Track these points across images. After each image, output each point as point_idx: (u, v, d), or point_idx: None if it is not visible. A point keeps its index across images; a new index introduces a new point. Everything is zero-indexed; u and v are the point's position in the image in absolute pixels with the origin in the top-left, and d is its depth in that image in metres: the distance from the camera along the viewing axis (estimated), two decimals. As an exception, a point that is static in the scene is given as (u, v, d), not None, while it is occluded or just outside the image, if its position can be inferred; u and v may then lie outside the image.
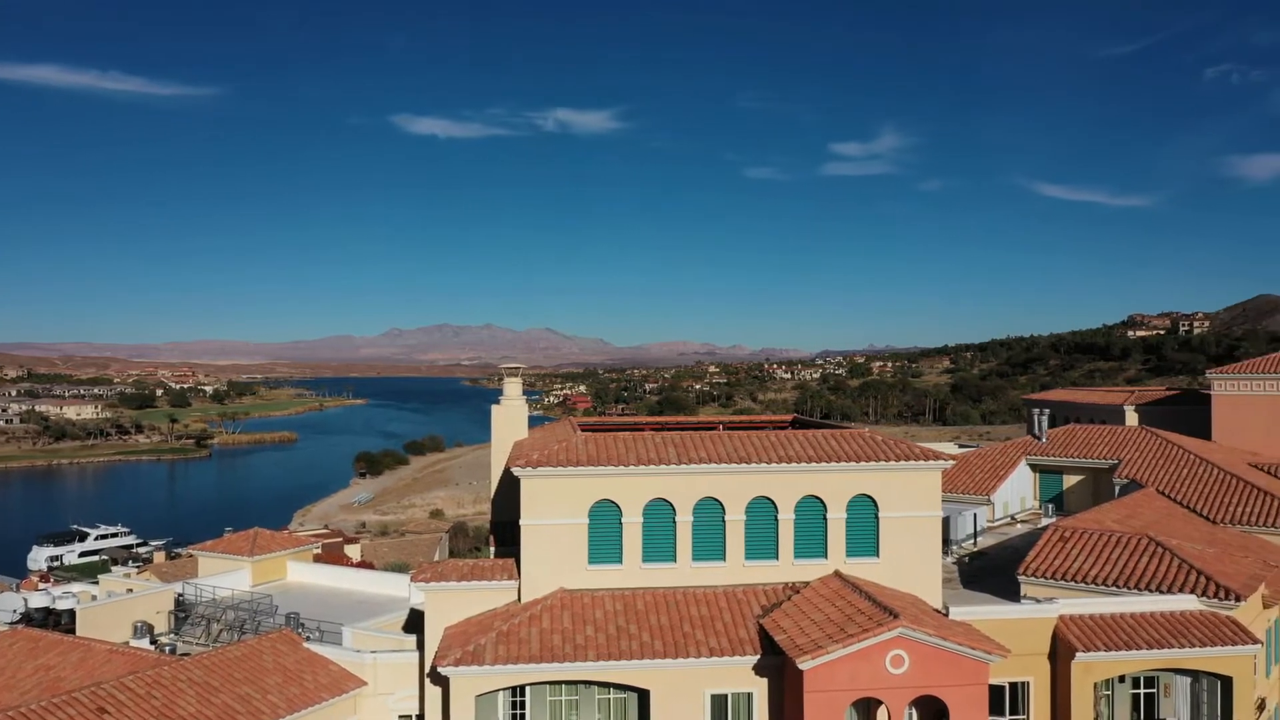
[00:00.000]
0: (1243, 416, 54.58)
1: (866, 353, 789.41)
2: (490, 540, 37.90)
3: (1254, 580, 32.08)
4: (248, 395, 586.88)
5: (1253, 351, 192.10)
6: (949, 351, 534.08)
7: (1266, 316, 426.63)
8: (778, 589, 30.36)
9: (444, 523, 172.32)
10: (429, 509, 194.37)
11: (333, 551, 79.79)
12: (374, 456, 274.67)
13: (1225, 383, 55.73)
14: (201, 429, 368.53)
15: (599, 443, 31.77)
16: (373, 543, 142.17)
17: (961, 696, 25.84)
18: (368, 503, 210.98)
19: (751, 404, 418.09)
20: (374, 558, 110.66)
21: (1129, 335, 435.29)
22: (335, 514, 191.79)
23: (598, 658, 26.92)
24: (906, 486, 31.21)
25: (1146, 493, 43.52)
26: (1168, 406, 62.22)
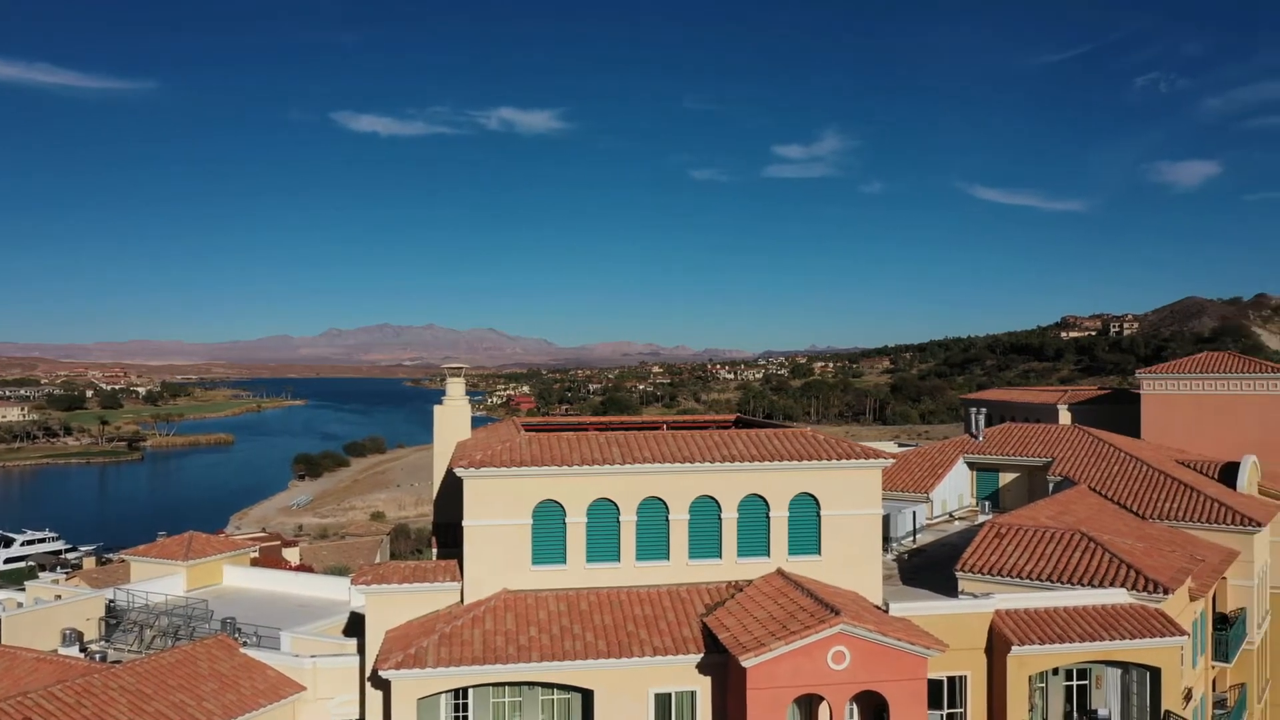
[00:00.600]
0: (1170, 415, 56.22)
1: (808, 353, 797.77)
2: (433, 542, 37.55)
3: (1181, 574, 33.04)
4: (182, 396, 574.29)
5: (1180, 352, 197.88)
6: (889, 352, 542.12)
7: (1193, 318, 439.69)
8: (721, 587, 30.53)
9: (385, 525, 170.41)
10: (370, 511, 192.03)
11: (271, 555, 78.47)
12: (313, 458, 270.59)
13: (1153, 382, 57.34)
14: (134, 431, 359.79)
15: (543, 443, 31.67)
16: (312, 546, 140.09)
17: (901, 691, 26.22)
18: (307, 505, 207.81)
19: (695, 404, 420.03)
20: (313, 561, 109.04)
21: (1062, 336, 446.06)
22: (273, 517, 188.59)
23: (541, 658, 26.81)
24: (848, 485, 31.59)
25: (1079, 489, 44.59)
26: (1099, 405, 63.81)
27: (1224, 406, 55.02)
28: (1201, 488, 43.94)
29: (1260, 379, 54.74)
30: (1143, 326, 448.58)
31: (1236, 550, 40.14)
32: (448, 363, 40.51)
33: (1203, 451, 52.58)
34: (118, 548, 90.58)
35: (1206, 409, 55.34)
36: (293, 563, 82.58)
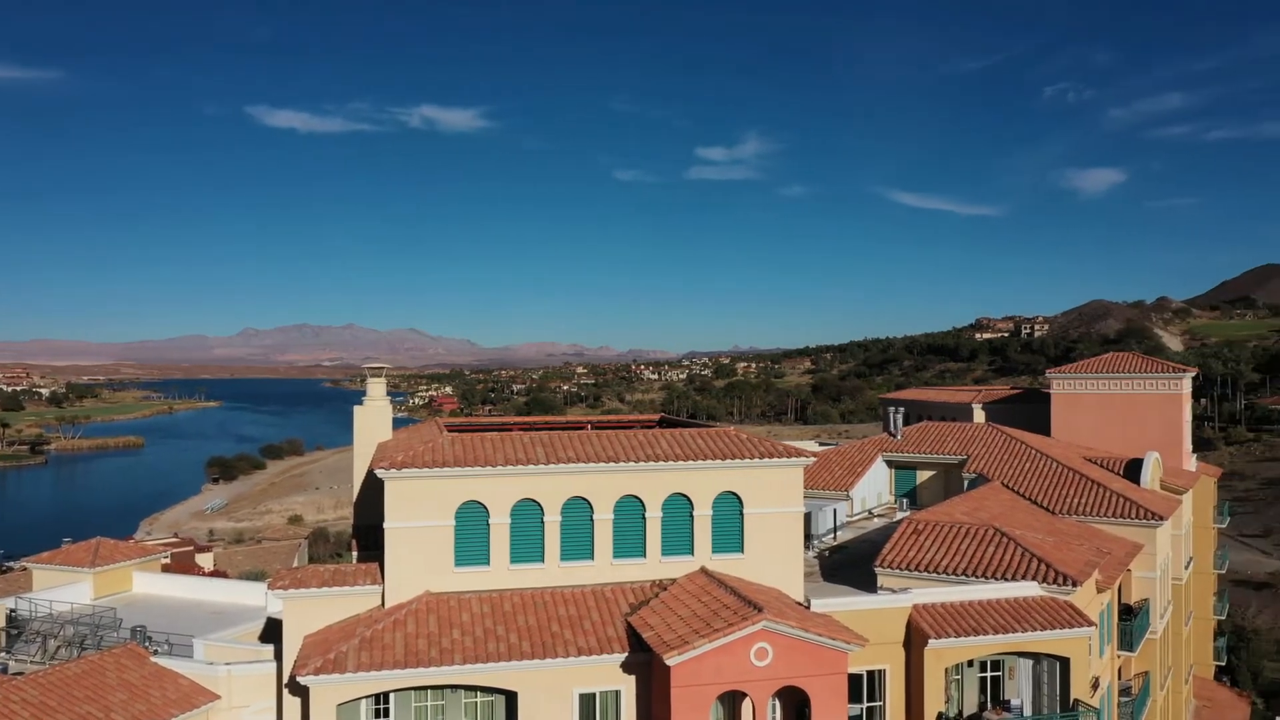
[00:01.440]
0: (1078, 414, 58.13)
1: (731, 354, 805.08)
2: (353, 545, 36.89)
3: (1089, 567, 34.17)
4: (89, 398, 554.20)
5: (1087, 353, 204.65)
6: (810, 353, 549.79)
7: (1099, 320, 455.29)
8: (645, 587, 30.60)
9: (303, 528, 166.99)
10: (287, 515, 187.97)
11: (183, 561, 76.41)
12: (228, 461, 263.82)
13: (1062, 382, 59.23)
14: (37, 434, 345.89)
15: (466, 443, 31.36)
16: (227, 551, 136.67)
17: (822, 686, 26.61)
18: (221, 509, 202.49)
19: (619, 405, 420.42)
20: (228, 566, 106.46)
21: (976, 337, 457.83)
22: (186, 522, 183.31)
23: (464, 661, 26.54)
24: (770, 483, 31.93)
25: (993, 486, 45.80)
26: (1012, 404, 65.63)
27: (1128, 405, 57.09)
28: (1108, 484, 45.51)
29: (1161, 379, 56.93)
30: (1052, 328, 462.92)
31: (1140, 544, 41.68)
32: (368, 363, 39.88)
33: (1109, 448, 54.48)
34: (19, 555, 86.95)
35: (1112, 407, 57.36)
36: (206, 568, 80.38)
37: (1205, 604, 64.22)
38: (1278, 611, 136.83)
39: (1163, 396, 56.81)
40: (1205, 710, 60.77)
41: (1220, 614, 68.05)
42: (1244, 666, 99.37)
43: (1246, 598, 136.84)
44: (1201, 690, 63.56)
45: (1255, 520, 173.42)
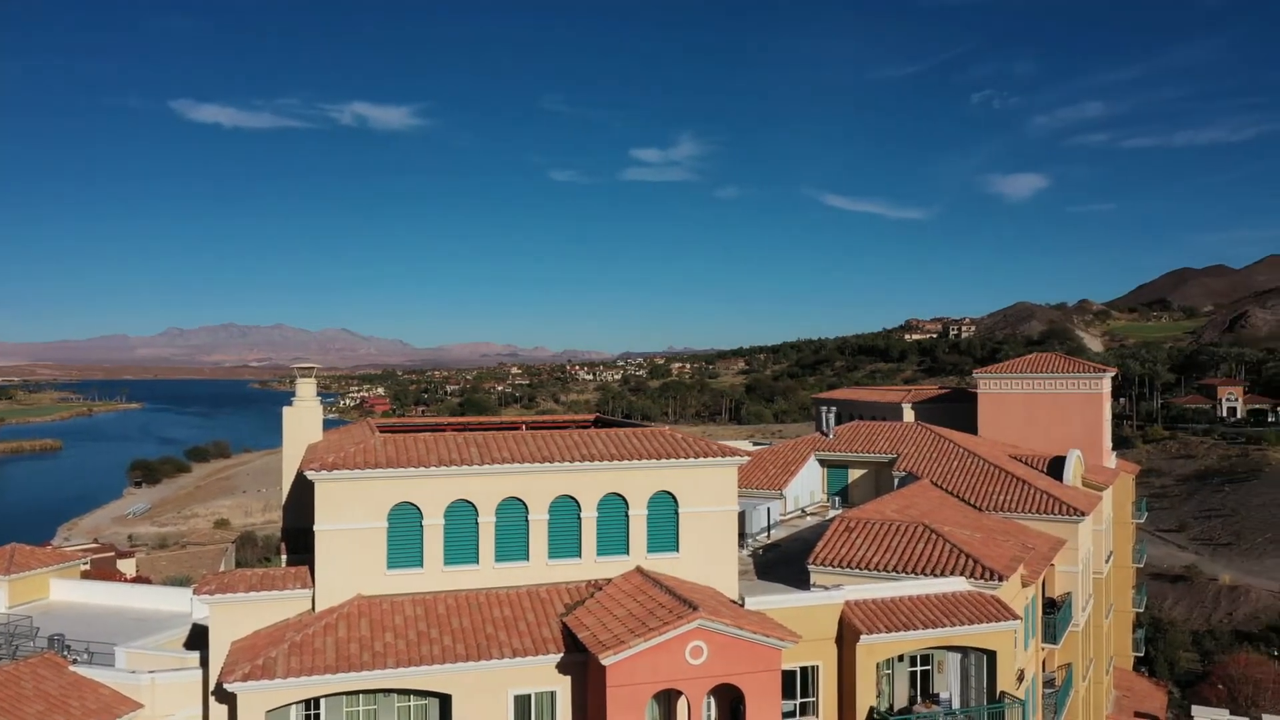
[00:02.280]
0: (1003, 412, 59.53)
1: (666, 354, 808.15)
2: (282, 549, 36.18)
3: (1014, 562, 35.01)
4: (3, 400, 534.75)
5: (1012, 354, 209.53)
6: (744, 353, 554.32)
7: (1024, 321, 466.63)
8: (581, 587, 30.53)
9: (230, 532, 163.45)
10: (214, 519, 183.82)
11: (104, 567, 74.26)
12: (151, 464, 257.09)
13: (988, 382, 60.60)
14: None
15: (398, 444, 30.96)
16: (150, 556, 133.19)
17: (757, 683, 26.82)
18: (144, 514, 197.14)
19: (554, 405, 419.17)
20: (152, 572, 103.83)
21: (906, 338, 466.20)
22: (106, 527, 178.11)
23: (397, 664, 26.20)
24: (705, 482, 32.10)
25: (922, 484, 46.65)
26: (940, 404, 66.94)
27: (1051, 404, 58.63)
28: (1032, 481, 46.67)
29: (1082, 378, 58.58)
30: (979, 329, 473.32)
31: (1063, 539, 42.80)
32: (298, 363, 39.10)
33: (1033, 446, 55.86)
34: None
35: (1036, 406, 58.86)
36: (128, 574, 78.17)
37: (1125, 597, 66.23)
38: (1193, 603, 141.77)
39: (1084, 396, 58.47)
40: (1125, 700, 62.66)
41: (1139, 606, 70.20)
42: (1161, 657, 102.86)
43: (1163, 590, 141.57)
44: (1121, 680, 65.53)
45: (1171, 515, 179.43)
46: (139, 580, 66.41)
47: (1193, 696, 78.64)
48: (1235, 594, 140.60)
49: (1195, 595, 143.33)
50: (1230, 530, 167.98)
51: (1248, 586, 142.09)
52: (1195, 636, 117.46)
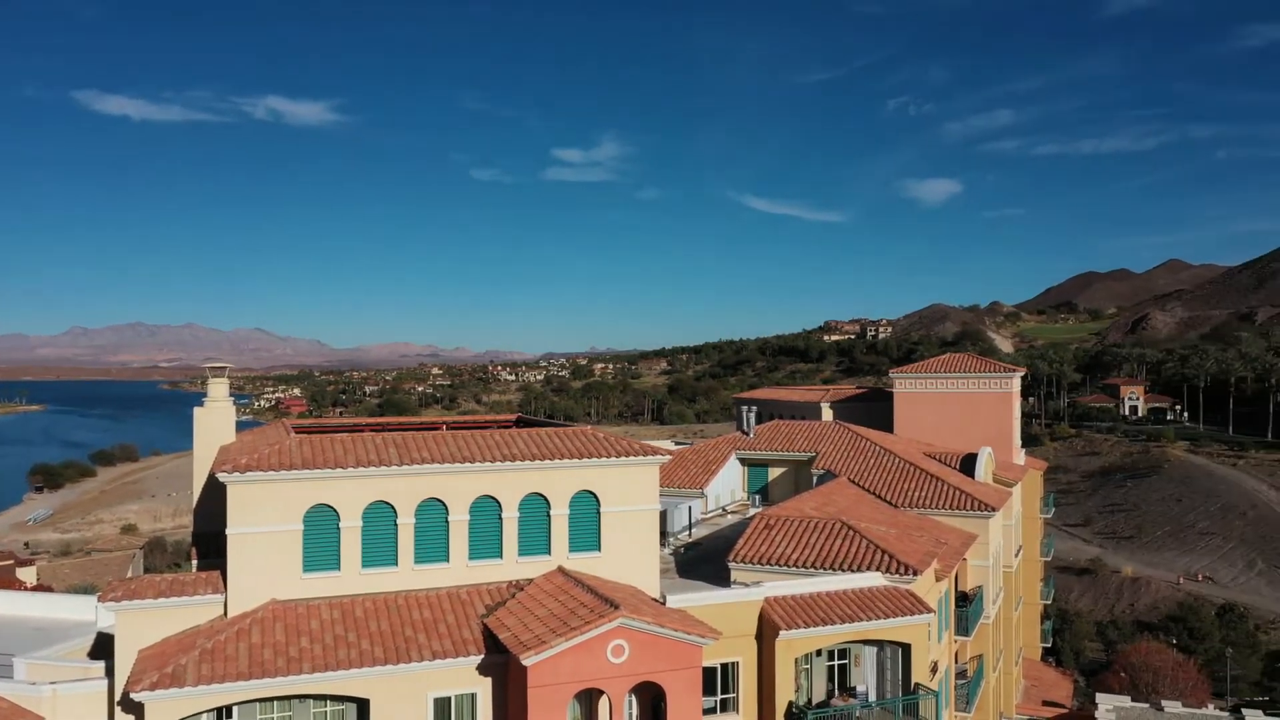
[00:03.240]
0: (918, 411, 60.96)
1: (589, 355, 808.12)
2: (193, 554, 35.14)
3: (928, 557, 35.85)
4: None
5: (927, 354, 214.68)
6: (666, 354, 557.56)
7: (938, 323, 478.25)
8: (502, 588, 30.34)
9: (138, 538, 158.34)
10: (120, 524, 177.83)
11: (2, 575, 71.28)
12: (53, 468, 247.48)
13: (903, 381, 62.00)
14: None
15: (314, 445, 30.36)
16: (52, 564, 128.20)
17: (678, 680, 26.98)
18: (45, 520, 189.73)
19: (476, 406, 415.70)
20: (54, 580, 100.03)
21: (825, 339, 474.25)
22: (5, 534, 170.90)
23: (313, 670, 25.68)
24: (626, 481, 32.16)
25: (840, 482, 47.48)
26: (858, 403, 68.22)
27: (964, 403, 60.25)
28: (945, 477, 47.85)
29: (994, 378, 60.31)
30: (895, 330, 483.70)
31: (975, 534, 44.00)
32: (210, 363, 38.05)
33: (947, 444, 57.28)
34: None
35: (949, 405, 60.42)
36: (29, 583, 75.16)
37: (1033, 589, 68.36)
38: (1097, 595, 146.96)
39: (995, 395, 60.21)
40: (1033, 689, 64.64)
41: (1046, 599, 72.55)
42: (1067, 647, 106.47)
43: (1070, 583, 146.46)
44: (1030, 671, 67.59)
45: (1077, 510, 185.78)
46: (40, 589, 63.89)
47: (1097, 685, 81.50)
48: (1137, 585, 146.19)
49: (1099, 587, 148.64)
50: (1132, 524, 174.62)
51: (1148, 578, 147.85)
52: (1099, 627, 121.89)
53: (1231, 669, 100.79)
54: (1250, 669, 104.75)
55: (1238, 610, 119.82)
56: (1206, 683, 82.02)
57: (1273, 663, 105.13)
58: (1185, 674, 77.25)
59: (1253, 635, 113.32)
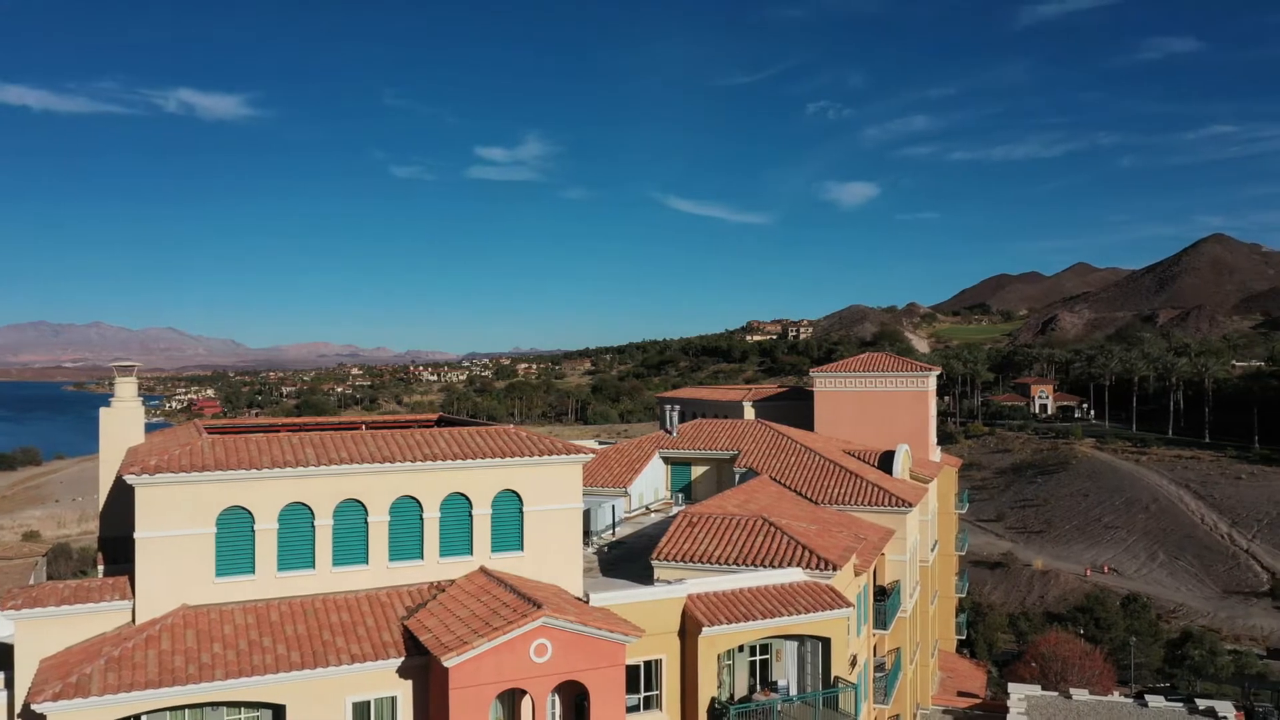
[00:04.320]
0: (838, 409, 61.94)
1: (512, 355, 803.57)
2: (99, 560, 33.94)
3: (847, 552, 36.45)
4: None
5: (846, 354, 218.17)
6: (590, 354, 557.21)
7: (857, 323, 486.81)
8: (424, 589, 29.93)
9: (41, 545, 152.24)
10: (21, 531, 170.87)
11: (-108, 586, 67.74)
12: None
13: (823, 380, 62.93)
14: None
15: (228, 445, 29.56)
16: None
17: (601, 678, 26.95)
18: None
19: (397, 407, 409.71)
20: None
21: (748, 339, 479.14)
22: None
23: (226, 676, 24.99)
24: (550, 480, 32.02)
25: (761, 479, 47.99)
26: (779, 402, 69.03)
27: (882, 401, 61.40)
28: (864, 474, 48.72)
29: (910, 377, 61.58)
30: (816, 331, 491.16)
31: (893, 529, 44.89)
32: (117, 363, 36.78)
33: (865, 441, 58.32)
34: None
35: (868, 404, 61.52)
36: (-79, 593, 71.56)
37: (948, 583, 69.96)
38: (1009, 588, 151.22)
39: (912, 394, 61.49)
40: (949, 681, 66.19)
41: (961, 592, 74.33)
42: (981, 639, 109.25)
43: (983, 576, 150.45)
44: (945, 662, 69.20)
45: (990, 506, 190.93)
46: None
47: (1009, 675, 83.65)
48: (1046, 578, 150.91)
49: (1011, 580, 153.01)
50: (1042, 519, 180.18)
51: (1057, 571, 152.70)
52: (1011, 619, 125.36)
53: (1135, 657, 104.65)
54: (1153, 657, 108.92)
55: (1141, 600, 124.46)
56: (1112, 671, 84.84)
57: (1173, 650, 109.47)
58: (1092, 663, 79.79)
59: (1155, 624, 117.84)
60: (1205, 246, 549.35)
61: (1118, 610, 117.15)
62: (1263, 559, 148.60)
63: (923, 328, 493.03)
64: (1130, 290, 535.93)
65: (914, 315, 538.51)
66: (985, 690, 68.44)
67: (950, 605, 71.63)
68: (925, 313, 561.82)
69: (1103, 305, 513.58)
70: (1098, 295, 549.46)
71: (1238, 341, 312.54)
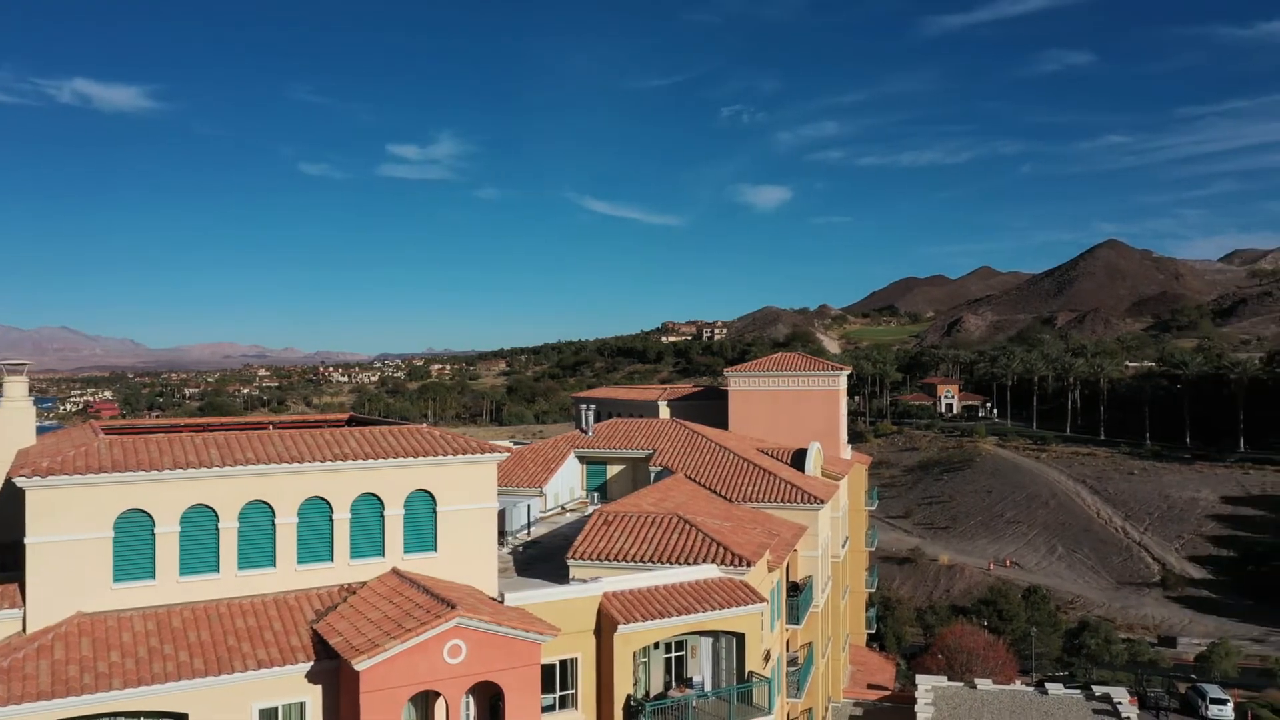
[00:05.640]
0: (752, 408, 62.68)
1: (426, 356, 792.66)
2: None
3: (761, 548, 36.86)
4: None
5: (760, 354, 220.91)
6: (505, 355, 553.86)
7: (771, 324, 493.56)
8: (334, 592, 29.28)
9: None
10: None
11: None
12: None
13: (738, 379, 63.62)
14: None
15: (127, 446, 28.47)
16: None
17: (516, 678, 26.75)
18: None
19: (306, 408, 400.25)
20: None
21: (663, 340, 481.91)
22: None
23: (124, 685, 24.06)
24: (463, 480, 31.65)
25: (676, 478, 48.25)
26: (694, 401, 69.53)
27: (794, 400, 62.35)
28: (777, 472, 49.37)
29: (822, 376, 62.66)
30: (730, 332, 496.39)
31: (805, 526, 45.58)
32: (6, 361, 35.14)
33: (778, 440, 59.14)
34: None
35: (780, 402, 62.40)
36: None
37: (859, 578, 71.45)
38: (917, 582, 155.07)
39: (823, 393, 62.57)
40: (859, 674, 67.56)
41: (871, 587, 75.97)
42: (890, 633, 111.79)
43: (892, 572, 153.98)
44: (856, 656, 70.62)
45: (898, 503, 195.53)
46: None
47: (917, 667, 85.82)
48: (952, 572, 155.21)
49: (919, 575, 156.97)
50: (948, 515, 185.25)
51: (962, 565, 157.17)
52: (919, 612, 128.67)
53: (1036, 647, 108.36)
54: (1052, 646, 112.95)
55: (1041, 593, 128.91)
56: (1014, 660, 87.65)
57: (1071, 640, 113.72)
58: (995, 653, 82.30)
59: (1054, 615, 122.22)
60: (1100, 252, 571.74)
61: (1019, 602, 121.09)
62: (1154, 551, 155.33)
63: (834, 329, 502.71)
64: (1031, 293, 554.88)
65: (825, 317, 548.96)
66: (894, 682, 70.05)
67: (861, 600, 73.14)
68: (836, 314, 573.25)
69: (1005, 308, 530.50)
70: (1000, 298, 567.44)
71: (1130, 343, 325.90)
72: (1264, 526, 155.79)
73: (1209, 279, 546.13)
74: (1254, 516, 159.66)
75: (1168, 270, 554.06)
